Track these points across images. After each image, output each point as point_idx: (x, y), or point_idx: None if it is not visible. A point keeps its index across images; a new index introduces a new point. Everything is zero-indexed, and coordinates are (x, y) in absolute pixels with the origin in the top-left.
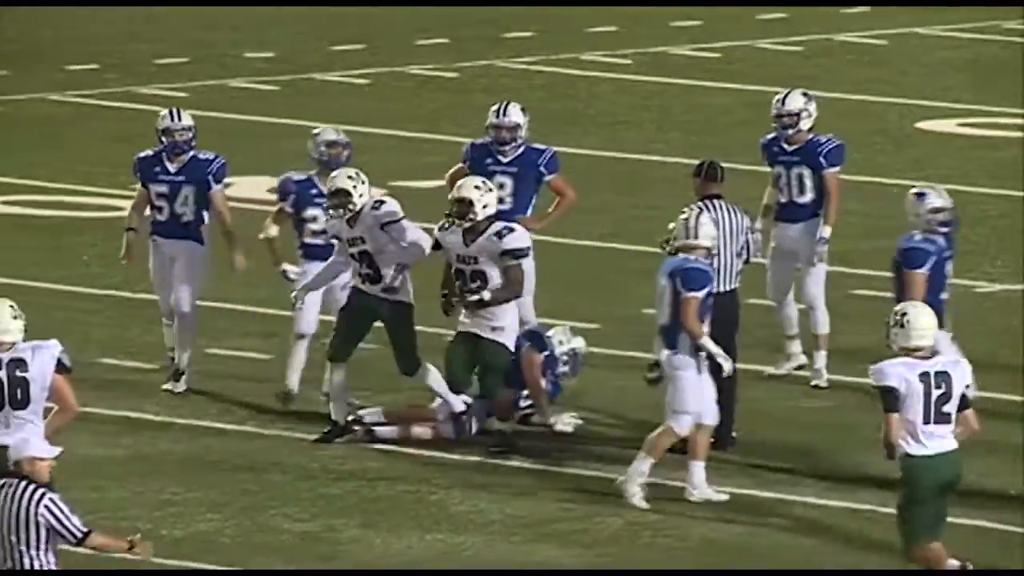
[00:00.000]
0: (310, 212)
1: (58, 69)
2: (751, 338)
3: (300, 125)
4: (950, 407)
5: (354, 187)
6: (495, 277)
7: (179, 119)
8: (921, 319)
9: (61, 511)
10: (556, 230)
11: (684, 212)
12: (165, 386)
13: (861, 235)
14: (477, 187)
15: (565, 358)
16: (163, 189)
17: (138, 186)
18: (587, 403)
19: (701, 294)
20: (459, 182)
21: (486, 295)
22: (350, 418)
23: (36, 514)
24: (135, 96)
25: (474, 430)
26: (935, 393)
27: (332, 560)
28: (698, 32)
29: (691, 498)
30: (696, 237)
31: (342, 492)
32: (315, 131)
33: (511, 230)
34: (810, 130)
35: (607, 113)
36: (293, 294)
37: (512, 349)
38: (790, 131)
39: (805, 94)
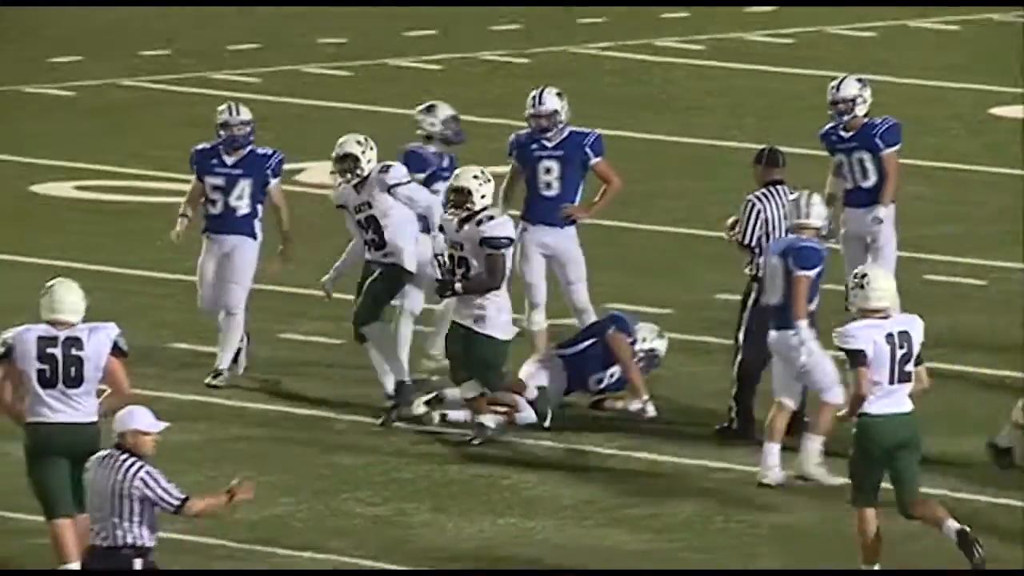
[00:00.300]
0: (438, 186)
1: (131, 54)
2: (823, 323)
3: (373, 111)
4: (910, 366)
5: (363, 152)
6: (477, 265)
7: (237, 113)
8: (880, 281)
9: (157, 482)
10: (628, 215)
11: (748, 202)
12: (207, 380)
13: (934, 220)
14: (476, 176)
15: (642, 354)
16: (219, 182)
17: (193, 178)
18: (659, 389)
19: (813, 273)
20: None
21: (458, 287)
22: (432, 395)
23: (131, 487)
24: (207, 82)
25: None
26: (899, 353)
27: (404, 544)
28: (771, 18)
29: (763, 480)
30: (808, 217)
31: (414, 476)
32: (429, 106)
33: (492, 217)
34: (866, 115)
35: (680, 99)
36: (323, 280)
37: (501, 338)
38: (846, 117)
39: (859, 80)
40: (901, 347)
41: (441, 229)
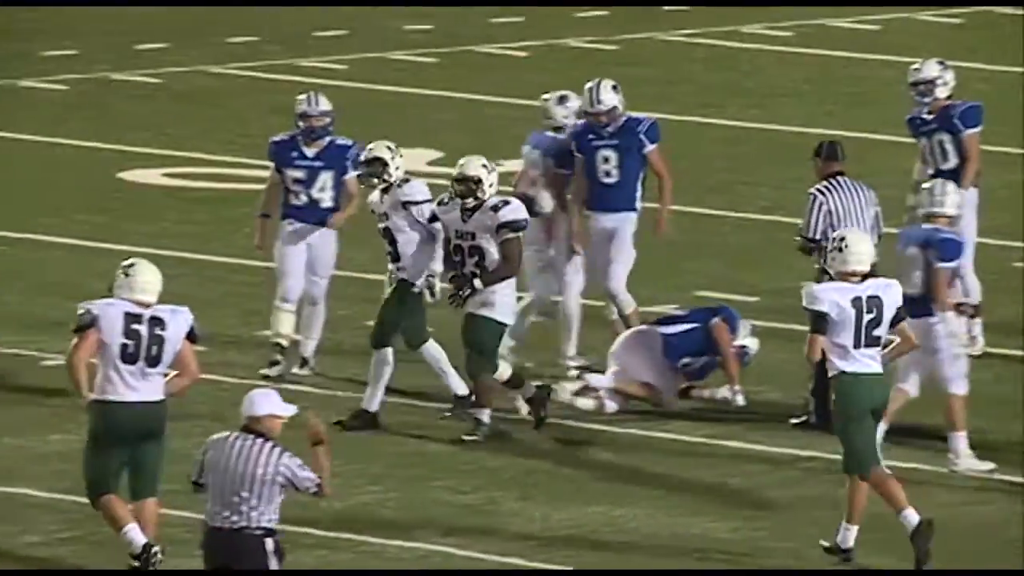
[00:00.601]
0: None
1: (219, 41)
2: None
3: (459, 98)
4: (880, 331)
5: (391, 159)
6: (493, 252)
7: (316, 104)
8: (860, 244)
9: (300, 466)
10: (715, 203)
11: (811, 196)
12: (294, 370)
13: (1023, 208)
14: (484, 165)
15: (733, 349)
16: (300, 175)
17: (272, 168)
18: (746, 377)
19: (955, 264)
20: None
21: (477, 283)
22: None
23: (276, 472)
24: (295, 68)
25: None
26: (866, 318)
27: (493, 532)
28: (858, 5)
29: (956, 468)
30: (943, 206)
31: (503, 464)
32: (561, 96)
33: (507, 202)
34: (948, 98)
35: (767, 85)
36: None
37: (504, 323)
38: (927, 99)
39: (940, 62)
40: (869, 312)
41: (433, 219)
